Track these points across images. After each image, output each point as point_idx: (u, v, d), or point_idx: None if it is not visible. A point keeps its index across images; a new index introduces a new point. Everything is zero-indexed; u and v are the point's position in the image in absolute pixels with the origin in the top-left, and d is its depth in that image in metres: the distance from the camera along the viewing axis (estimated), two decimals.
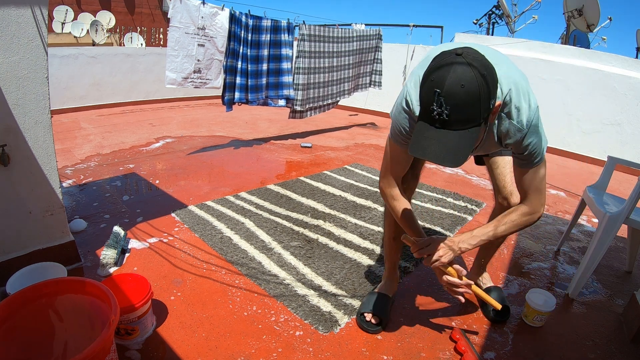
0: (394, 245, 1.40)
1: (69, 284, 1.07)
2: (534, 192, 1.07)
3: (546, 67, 4.18)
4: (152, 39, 9.66)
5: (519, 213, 1.09)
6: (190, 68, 3.10)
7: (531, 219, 1.09)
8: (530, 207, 1.08)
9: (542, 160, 1.03)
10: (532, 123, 0.95)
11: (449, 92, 0.78)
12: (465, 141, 0.82)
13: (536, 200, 1.07)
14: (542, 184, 1.06)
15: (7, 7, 1.21)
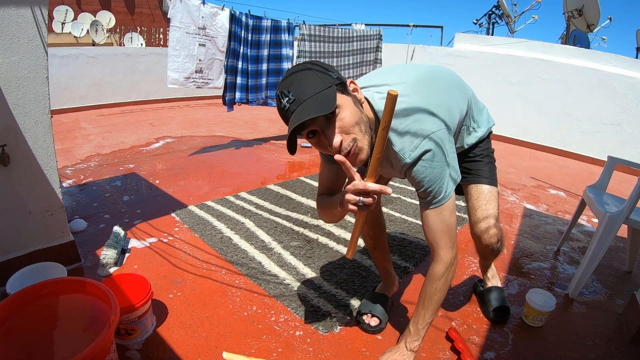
0: (376, 254, 1.39)
1: (69, 284, 1.07)
2: (440, 240, 0.97)
3: (546, 67, 4.18)
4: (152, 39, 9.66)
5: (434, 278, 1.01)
6: (192, 68, 3.10)
7: (448, 273, 1.00)
8: (441, 263, 0.99)
9: (444, 200, 0.93)
10: (422, 157, 0.88)
11: (285, 84, 0.84)
12: (322, 98, 0.80)
13: (445, 246, 0.98)
14: (448, 225, 0.97)
15: (7, 7, 1.21)
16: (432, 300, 1.04)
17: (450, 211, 0.96)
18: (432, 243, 1.00)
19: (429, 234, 1.00)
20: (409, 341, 1.09)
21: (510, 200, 2.67)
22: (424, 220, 1.00)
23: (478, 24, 8.37)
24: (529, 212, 2.50)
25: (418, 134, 0.89)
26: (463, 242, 2.00)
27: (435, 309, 1.05)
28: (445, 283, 1.02)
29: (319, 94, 0.81)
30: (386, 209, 2.35)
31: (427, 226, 0.99)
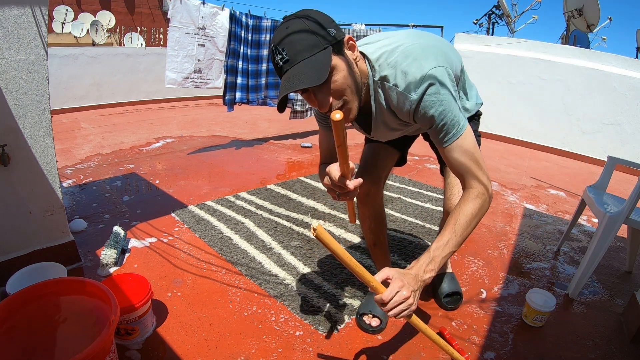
0: (377, 251, 1.39)
1: (69, 284, 1.07)
2: (470, 169, 0.90)
3: (546, 67, 4.18)
4: (152, 39, 9.66)
5: (468, 201, 0.90)
6: (191, 68, 3.10)
7: (484, 201, 0.90)
8: (475, 188, 0.90)
9: (462, 129, 0.89)
10: (427, 91, 0.86)
11: (280, 40, 0.82)
12: (316, 64, 0.80)
13: (478, 178, 0.90)
14: (476, 154, 0.90)
15: (7, 7, 1.21)
16: (464, 224, 0.89)
17: (471, 141, 0.90)
18: (463, 174, 0.91)
19: (456, 169, 0.92)
20: (426, 270, 0.88)
21: (510, 200, 2.67)
22: (447, 159, 0.93)
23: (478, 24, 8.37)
24: (529, 212, 2.50)
25: (420, 70, 0.86)
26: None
27: (464, 237, 0.90)
28: (481, 208, 0.90)
29: (313, 57, 0.80)
30: (386, 209, 2.34)
31: (452, 163, 0.92)
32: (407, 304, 0.83)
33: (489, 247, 1.97)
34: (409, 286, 0.84)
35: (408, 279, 0.85)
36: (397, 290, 0.82)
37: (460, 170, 0.92)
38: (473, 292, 1.58)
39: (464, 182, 0.93)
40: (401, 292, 0.82)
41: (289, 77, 0.81)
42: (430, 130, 0.92)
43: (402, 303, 0.82)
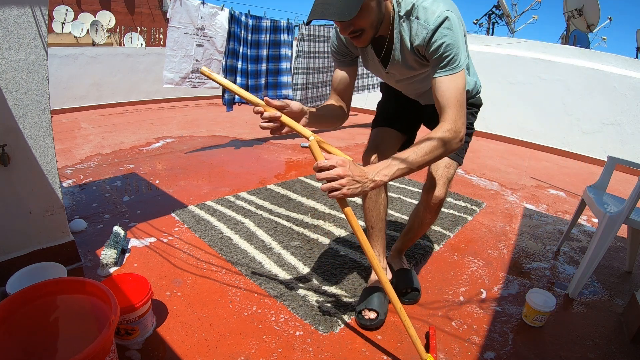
0: (373, 235, 1.45)
1: (69, 284, 1.07)
2: (453, 105, 0.98)
3: (546, 67, 4.18)
4: (152, 39, 9.66)
5: (438, 131, 0.98)
6: (189, 68, 3.10)
7: (452, 138, 0.98)
8: (449, 123, 0.98)
9: (459, 68, 0.99)
10: (442, 24, 0.96)
11: None
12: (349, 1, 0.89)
13: (456, 115, 0.98)
14: (461, 96, 0.99)
15: (7, 7, 1.21)
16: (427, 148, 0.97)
17: (463, 83, 1.00)
18: (444, 106, 0.99)
19: (441, 98, 1.00)
20: (379, 172, 0.95)
21: (510, 200, 2.67)
22: (436, 87, 1.00)
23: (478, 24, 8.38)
24: (529, 212, 2.50)
25: (438, 9, 0.97)
26: (463, 242, 2.00)
27: (424, 161, 0.97)
28: (447, 142, 0.98)
29: None
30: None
31: (440, 91, 1.00)
32: (339, 183, 0.90)
33: (489, 247, 1.97)
34: (351, 172, 0.91)
35: (354, 168, 0.92)
36: (335, 166, 0.90)
37: (443, 102, 0.99)
38: (473, 292, 1.58)
39: (442, 116, 1.00)
40: (338, 169, 0.90)
41: (322, 3, 0.90)
42: (433, 59, 1.00)
43: (335, 181, 0.90)
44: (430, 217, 1.38)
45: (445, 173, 1.28)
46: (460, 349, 1.26)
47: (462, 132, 1.00)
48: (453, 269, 1.74)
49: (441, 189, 1.28)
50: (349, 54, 1.24)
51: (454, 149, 1.00)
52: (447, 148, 0.99)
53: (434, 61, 1.00)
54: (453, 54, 0.97)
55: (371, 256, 1.03)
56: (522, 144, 4.44)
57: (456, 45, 0.97)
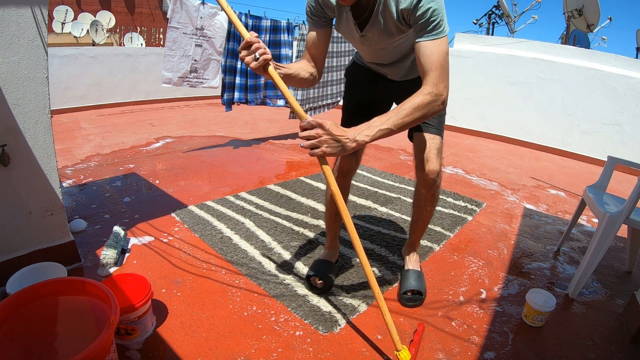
0: (335, 220, 1.55)
1: (69, 284, 1.07)
2: (436, 68, 1.01)
3: (546, 67, 4.18)
4: (152, 39, 9.66)
5: (420, 94, 1.01)
6: (187, 68, 3.10)
7: (433, 101, 1.01)
8: (432, 86, 1.01)
9: (443, 33, 1.02)
10: None
11: None
12: None
13: (438, 79, 1.01)
14: (444, 60, 1.02)
15: (7, 7, 1.21)
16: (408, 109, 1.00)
17: (447, 48, 1.03)
18: (427, 70, 1.02)
19: (424, 62, 1.02)
20: (361, 132, 1.00)
21: (510, 200, 2.67)
22: (420, 51, 1.02)
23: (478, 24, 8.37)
24: (529, 212, 2.50)
25: None
26: (463, 242, 2.00)
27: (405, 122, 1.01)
28: (428, 104, 1.01)
29: None
30: (386, 209, 2.35)
31: (424, 55, 1.02)
32: (318, 140, 0.97)
33: (489, 247, 1.97)
34: (332, 131, 0.97)
35: (335, 128, 0.98)
36: (316, 126, 0.97)
37: (426, 66, 1.02)
38: (473, 292, 1.58)
39: (425, 79, 1.03)
40: (318, 129, 0.97)
41: None
42: (418, 24, 1.01)
43: (315, 139, 0.97)
44: (431, 195, 1.37)
45: (432, 144, 1.29)
46: (460, 349, 1.26)
47: (444, 95, 1.03)
48: (453, 269, 1.74)
49: (433, 160, 1.28)
50: (323, 15, 1.22)
51: (436, 111, 1.04)
52: (428, 110, 1.02)
53: (419, 26, 1.01)
54: (439, 19, 1.00)
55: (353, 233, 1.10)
56: (522, 144, 4.44)
57: (441, 12, 1.00)
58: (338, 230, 1.60)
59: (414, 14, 1.01)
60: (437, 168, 1.29)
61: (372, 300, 1.48)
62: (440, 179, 1.34)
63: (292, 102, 1.05)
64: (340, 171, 1.45)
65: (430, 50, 1.01)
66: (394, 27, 1.10)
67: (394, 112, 1.01)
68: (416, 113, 1.01)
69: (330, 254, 1.61)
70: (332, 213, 1.55)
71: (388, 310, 1.16)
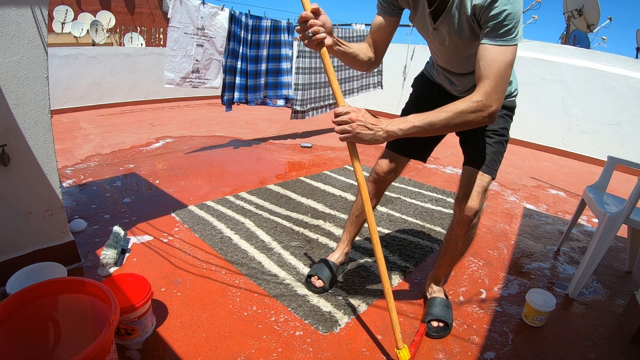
0: (355, 222, 1.54)
1: (69, 284, 1.07)
2: (494, 77, 0.92)
3: (546, 67, 4.18)
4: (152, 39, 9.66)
5: (467, 100, 0.94)
6: (189, 68, 3.10)
7: (479, 110, 0.94)
8: (483, 95, 0.93)
9: (514, 42, 0.92)
10: None
11: None
12: None
13: (492, 89, 0.92)
14: (506, 72, 0.92)
15: (7, 7, 1.21)
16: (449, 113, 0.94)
17: (513, 59, 0.93)
18: (482, 76, 0.93)
19: (483, 67, 0.93)
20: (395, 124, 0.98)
21: (510, 200, 2.67)
22: (482, 54, 0.93)
23: None
24: (529, 212, 2.50)
25: None
26: None
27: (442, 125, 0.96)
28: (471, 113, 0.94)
29: None
30: (386, 209, 2.35)
31: (484, 60, 0.93)
32: (349, 126, 0.98)
33: (489, 247, 1.97)
34: (364, 119, 0.98)
35: (368, 116, 0.99)
36: (349, 112, 0.99)
37: (484, 72, 0.93)
38: (473, 292, 1.58)
39: (478, 86, 0.95)
40: (352, 114, 0.98)
41: None
42: (489, 25, 0.92)
43: (347, 124, 0.98)
44: (463, 232, 1.24)
45: (479, 182, 1.19)
46: (460, 349, 1.26)
47: (494, 108, 0.94)
48: (453, 269, 1.74)
49: (475, 198, 1.18)
50: (393, 3, 1.15)
51: (479, 122, 0.95)
52: (471, 119, 0.94)
53: (490, 27, 0.92)
54: (512, 25, 0.90)
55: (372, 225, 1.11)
56: (522, 144, 4.44)
57: (517, 17, 0.90)
58: (354, 233, 1.57)
59: (486, 13, 0.91)
60: (476, 206, 1.18)
61: (372, 300, 1.48)
62: (478, 219, 1.23)
63: (335, 86, 1.04)
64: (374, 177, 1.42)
65: (493, 57, 0.92)
66: (467, 25, 1.00)
67: (434, 112, 0.96)
68: (457, 119, 0.95)
69: (337, 255, 1.60)
70: (354, 213, 1.53)
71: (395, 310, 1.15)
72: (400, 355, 1.14)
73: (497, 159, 1.23)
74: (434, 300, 1.39)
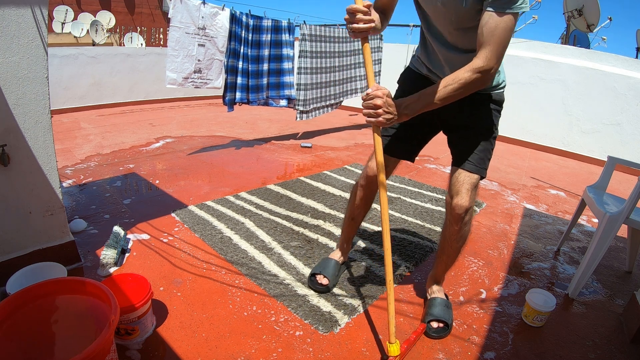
0: (351, 224, 1.54)
1: (69, 284, 1.07)
2: (495, 43, 0.97)
3: (546, 67, 4.18)
4: (152, 39, 9.65)
5: (468, 69, 1.01)
6: (191, 68, 3.10)
7: (479, 77, 1.00)
8: (483, 60, 0.99)
9: (517, 9, 0.95)
10: None
11: None
12: None
13: (492, 54, 0.98)
14: (506, 38, 0.97)
15: (7, 7, 1.21)
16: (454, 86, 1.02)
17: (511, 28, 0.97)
18: (484, 42, 0.99)
19: (485, 32, 0.98)
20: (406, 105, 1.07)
21: (510, 200, 2.67)
22: (485, 20, 0.98)
23: None
24: (529, 212, 2.50)
25: None
26: None
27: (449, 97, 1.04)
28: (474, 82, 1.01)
29: None
30: None
31: (487, 26, 0.97)
32: (375, 112, 1.06)
33: (489, 247, 1.97)
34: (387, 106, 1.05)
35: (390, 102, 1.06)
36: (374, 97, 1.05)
37: (486, 38, 0.98)
38: (473, 292, 1.58)
39: (479, 51, 1.00)
40: (376, 100, 1.05)
41: None
42: None
43: (372, 109, 1.06)
44: (456, 230, 1.26)
45: (468, 180, 1.21)
46: (460, 349, 1.26)
47: (493, 70, 1.01)
48: (453, 269, 1.74)
49: (464, 196, 1.20)
50: None
51: (480, 86, 1.04)
52: (473, 86, 1.02)
53: None
54: None
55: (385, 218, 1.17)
56: (522, 144, 4.44)
57: None
58: (353, 234, 1.59)
59: None
60: (465, 204, 1.20)
61: (372, 300, 1.48)
62: (470, 216, 1.24)
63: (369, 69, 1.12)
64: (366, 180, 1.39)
65: (496, 23, 0.96)
66: None
67: (442, 86, 1.03)
68: (460, 89, 1.03)
69: (339, 254, 1.61)
70: (349, 217, 1.52)
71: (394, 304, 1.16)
72: (390, 350, 1.14)
73: (485, 157, 1.25)
74: (434, 300, 1.40)
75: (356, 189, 1.46)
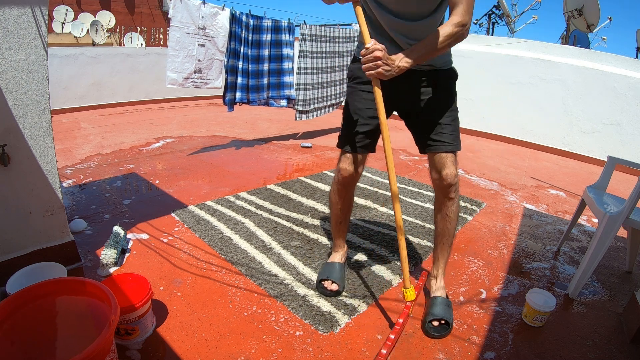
0: (340, 227, 1.57)
1: (69, 284, 1.07)
2: (465, 1, 1.13)
3: (546, 67, 4.18)
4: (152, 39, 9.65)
5: (450, 25, 1.15)
6: (191, 68, 3.10)
7: (461, 30, 1.15)
8: (460, 16, 1.13)
9: None
10: None
11: None
12: None
13: (466, 10, 1.14)
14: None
15: (7, 7, 1.21)
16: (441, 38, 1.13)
17: None
18: (458, 2, 1.13)
19: None
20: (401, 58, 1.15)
21: (510, 200, 2.67)
22: None
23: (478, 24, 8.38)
24: (529, 212, 2.50)
25: None
26: (463, 242, 2.00)
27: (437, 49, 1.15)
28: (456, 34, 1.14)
29: None
30: (386, 209, 2.35)
31: None
32: (375, 64, 1.13)
33: (489, 247, 1.97)
34: (385, 59, 1.13)
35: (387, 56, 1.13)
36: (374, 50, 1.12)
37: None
38: (473, 292, 1.58)
39: (454, 10, 1.15)
40: (376, 52, 1.12)
41: None
42: None
43: (373, 62, 1.13)
44: (451, 200, 1.33)
45: (450, 157, 1.30)
46: (460, 349, 1.26)
47: (469, 24, 1.16)
48: (453, 269, 1.74)
49: (450, 166, 1.29)
50: None
51: (462, 37, 1.17)
52: (456, 38, 1.16)
53: None
54: None
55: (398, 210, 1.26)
56: (522, 144, 4.44)
57: None
58: (345, 233, 1.60)
59: None
60: (454, 171, 1.30)
61: (372, 300, 1.48)
62: (457, 187, 1.34)
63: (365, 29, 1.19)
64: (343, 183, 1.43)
65: None
66: None
67: (431, 38, 1.15)
68: (447, 41, 1.15)
69: (339, 256, 1.60)
70: (336, 221, 1.55)
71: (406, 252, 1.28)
72: (407, 295, 1.28)
73: (457, 131, 1.34)
74: (434, 299, 1.40)
75: (335, 196, 1.49)
